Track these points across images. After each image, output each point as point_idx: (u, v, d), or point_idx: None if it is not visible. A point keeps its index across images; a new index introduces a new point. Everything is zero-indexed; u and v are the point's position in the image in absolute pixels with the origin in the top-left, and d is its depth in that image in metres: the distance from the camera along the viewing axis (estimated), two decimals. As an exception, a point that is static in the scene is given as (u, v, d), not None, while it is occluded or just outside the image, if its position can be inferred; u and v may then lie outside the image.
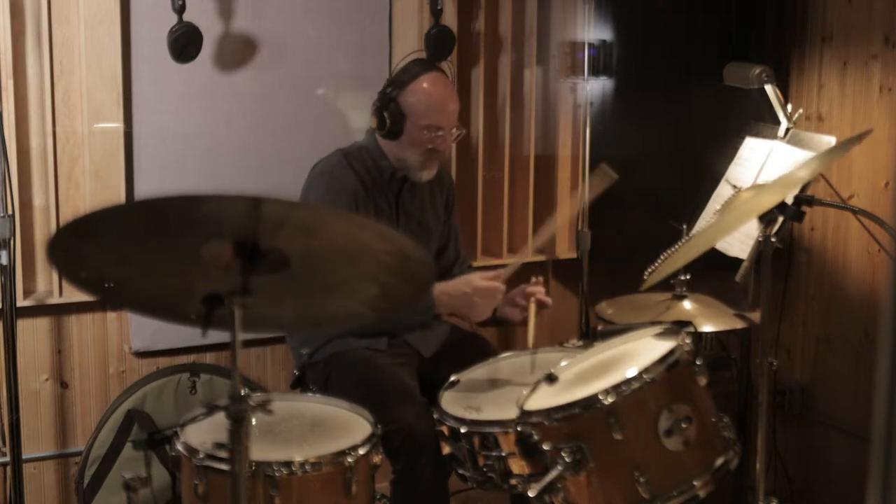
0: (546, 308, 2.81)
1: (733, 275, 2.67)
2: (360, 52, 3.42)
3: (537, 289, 2.79)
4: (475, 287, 2.67)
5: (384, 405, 2.55)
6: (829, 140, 2.93)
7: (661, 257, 2.57)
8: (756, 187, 2.56)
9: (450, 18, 3.46)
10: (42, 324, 3.16)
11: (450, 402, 2.50)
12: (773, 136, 3.12)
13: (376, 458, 2.33)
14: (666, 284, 2.80)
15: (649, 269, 2.59)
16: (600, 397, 2.14)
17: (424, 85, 2.80)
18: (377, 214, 2.84)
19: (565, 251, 3.74)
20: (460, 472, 2.43)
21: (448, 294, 2.71)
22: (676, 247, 2.56)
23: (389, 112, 2.80)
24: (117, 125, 3.13)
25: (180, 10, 3.02)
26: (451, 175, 3.12)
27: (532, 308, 2.77)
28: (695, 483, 2.18)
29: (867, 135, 2.92)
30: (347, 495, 2.24)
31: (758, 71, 3.10)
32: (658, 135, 3.56)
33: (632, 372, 2.19)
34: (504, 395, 2.53)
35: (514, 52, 3.64)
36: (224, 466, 2.10)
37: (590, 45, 3.50)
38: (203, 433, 2.28)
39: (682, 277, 2.77)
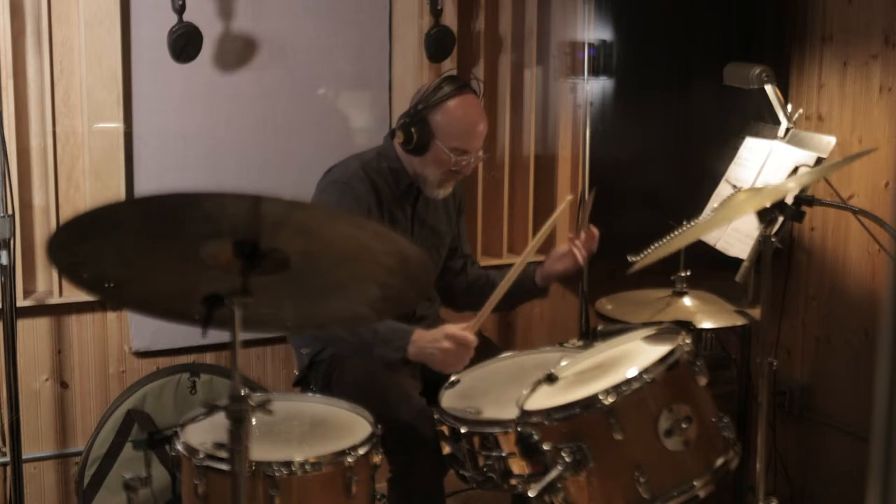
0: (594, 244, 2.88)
1: (733, 275, 2.66)
2: (360, 52, 3.42)
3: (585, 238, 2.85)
4: (447, 333, 2.58)
5: (384, 404, 2.55)
6: (829, 140, 2.93)
7: (651, 247, 2.58)
8: (754, 190, 2.57)
9: (450, 18, 3.46)
10: (42, 324, 3.16)
11: (450, 402, 2.50)
12: (773, 136, 3.12)
13: (376, 458, 2.33)
14: (666, 281, 2.81)
15: (640, 256, 2.59)
16: (600, 397, 2.14)
17: (456, 106, 2.76)
18: (392, 224, 2.83)
19: (565, 251, 3.74)
20: (460, 472, 2.43)
21: (424, 339, 2.61)
22: (670, 236, 2.57)
23: (417, 129, 2.77)
24: (117, 125, 3.13)
25: (180, 10, 3.02)
26: (462, 181, 3.11)
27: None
28: (695, 483, 2.18)
29: (871, 152, 2.93)
30: (347, 495, 2.24)
31: (758, 71, 3.10)
32: (658, 135, 3.56)
33: (632, 372, 2.19)
34: (504, 395, 2.52)
35: (514, 52, 3.64)
36: (224, 466, 2.11)
37: (590, 45, 3.50)
38: (203, 433, 2.28)
39: (683, 274, 2.77)
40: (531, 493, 2.14)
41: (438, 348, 2.56)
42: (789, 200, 2.57)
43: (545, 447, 2.16)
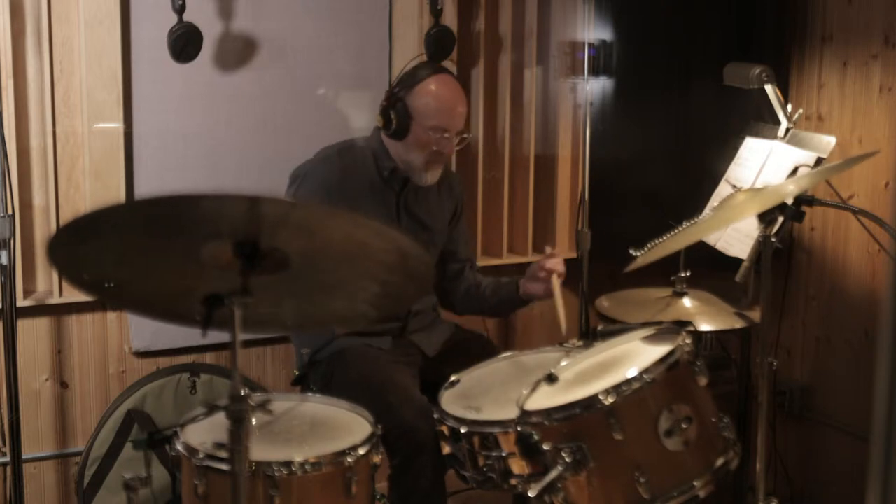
0: (561, 278, 2.79)
1: (733, 275, 2.67)
2: (360, 52, 3.42)
3: (553, 261, 2.79)
4: None
5: (384, 404, 2.55)
6: (829, 140, 2.93)
7: (650, 244, 2.58)
8: (753, 191, 2.57)
9: (450, 18, 3.46)
10: (42, 324, 3.16)
11: (450, 401, 2.49)
12: (773, 136, 3.11)
13: (376, 458, 2.33)
14: (666, 281, 2.80)
15: (638, 252, 2.59)
16: (600, 397, 2.14)
17: (433, 87, 2.80)
18: (359, 206, 2.82)
19: (565, 251, 3.73)
20: (460, 472, 2.43)
21: None
22: (668, 235, 2.57)
23: (396, 112, 2.79)
24: (117, 125, 3.13)
25: (180, 10, 3.02)
26: (461, 183, 3.12)
27: (555, 282, 2.75)
28: (695, 483, 2.18)
29: (873, 154, 2.94)
30: (347, 495, 2.24)
31: (758, 71, 3.10)
32: (658, 135, 3.56)
33: (632, 372, 2.19)
34: (504, 395, 2.52)
35: (514, 52, 3.64)
36: (224, 466, 2.10)
37: (590, 45, 3.50)
38: (203, 433, 2.28)
39: (683, 275, 2.77)
40: (531, 493, 2.14)
41: None
42: (789, 200, 2.57)
43: (545, 447, 2.16)
